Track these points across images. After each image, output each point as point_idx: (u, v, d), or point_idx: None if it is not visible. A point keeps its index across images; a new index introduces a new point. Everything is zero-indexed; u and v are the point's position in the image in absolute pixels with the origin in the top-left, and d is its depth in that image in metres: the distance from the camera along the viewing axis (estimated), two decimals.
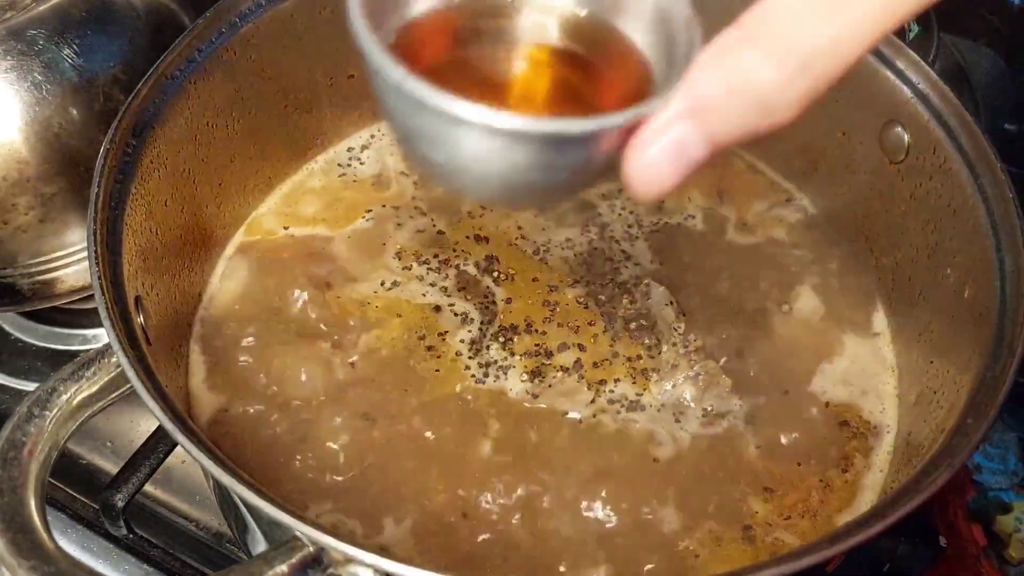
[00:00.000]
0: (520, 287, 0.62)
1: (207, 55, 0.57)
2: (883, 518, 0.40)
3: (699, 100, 0.30)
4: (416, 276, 0.62)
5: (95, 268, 0.47)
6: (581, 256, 0.63)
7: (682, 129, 0.30)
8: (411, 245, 0.64)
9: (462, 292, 0.61)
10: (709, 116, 0.30)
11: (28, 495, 0.42)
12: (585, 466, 0.54)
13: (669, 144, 0.30)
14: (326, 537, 0.39)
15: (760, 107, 0.30)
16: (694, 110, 0.30)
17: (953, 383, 0.51)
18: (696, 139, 0.31)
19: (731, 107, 0.30)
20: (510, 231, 0.65)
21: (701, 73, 0.30)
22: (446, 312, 0.60)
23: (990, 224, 0.51)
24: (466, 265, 0.63)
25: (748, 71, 0.30)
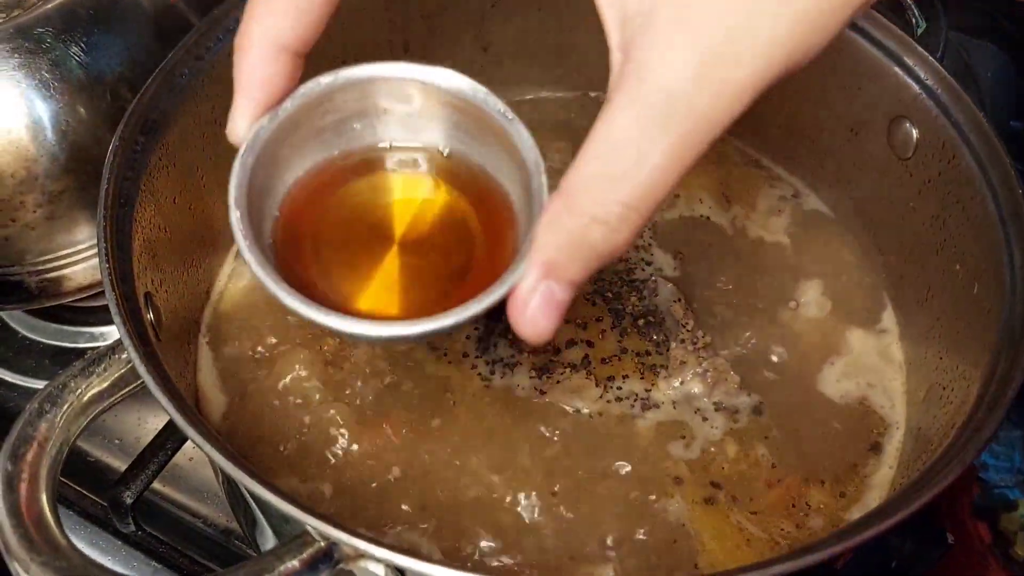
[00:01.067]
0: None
1: (215, 53, 0.57)
2: (894, 513, 0.40)
3: (548, 264, 0.36)
4: None
5: (105, 264, 0.47)
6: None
7: (544, 288, 0.36)
8: None
9: None
10: (560, 271, 0.36)
11: (40, 491, 0.42)
12: (593, 462, 0.54)
13: (539, 302, 0.37)
14: (338, 531, 0.39)
15: (598, 254, 0.36)
16: (548, 272, 0.36)
17: (963, 379, 0.51)
18: (558, 289, 0.37)
19: (576, 259, 0.36)
20: None
21: (543, 240, 0.36)
22: None
23: (999, 219, 0.51)
24: None
25: (579, 235, 0.35)
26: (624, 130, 0.34)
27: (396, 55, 0.67)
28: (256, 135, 0.42)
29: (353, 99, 0.43)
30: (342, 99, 0.43)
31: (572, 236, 0.35)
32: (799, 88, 0.64)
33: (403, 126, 0.45)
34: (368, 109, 0.44)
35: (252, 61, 0.41)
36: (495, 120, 0.41)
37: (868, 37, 0.59)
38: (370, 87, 0.43)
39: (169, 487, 0.68)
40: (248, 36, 0.40)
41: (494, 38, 0.70)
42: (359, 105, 0.44)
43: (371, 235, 0.44)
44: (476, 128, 0.43)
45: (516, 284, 0.37)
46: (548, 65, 0.71)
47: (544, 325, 0.37)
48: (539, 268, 0.36)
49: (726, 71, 0.33)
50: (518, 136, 0.41)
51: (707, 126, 0.34)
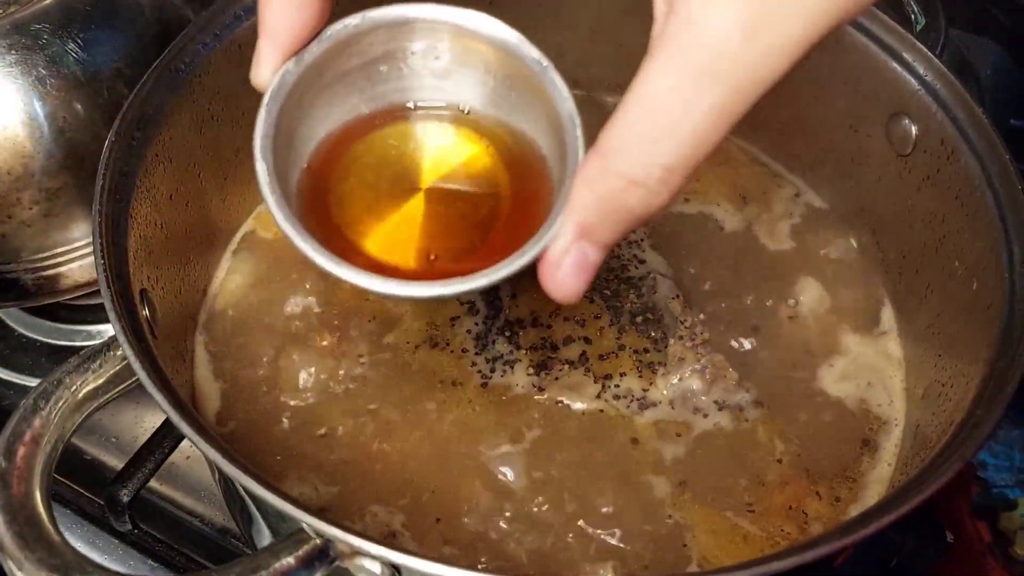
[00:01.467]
0: (525, 281, 0.61)
1: (212, 48, 0.57)
2: (894, 510, 0.40)
3: (583, 226, 0.35)
4: None
5: (100, 260, 0.47)
6: None
7: (577, 249, 0.36)
8: None
9: None
10: (595, 233, 0.36)
11: (34, 487, 0.42)
12: (591, 459, 0.54)
13: (571, 264, 0.36)
14: (333, 529, 0.39)
15: (635, 216, 0.35)
16: (582, 233, 0.36)
17: (962, 376, 0.51)
18: (591, 251, 0.36)
19: (611, 222, 0.35)
20: None
21: (578, 201, 0.35)
22: (452, 305, 0.60)
23: (999, 216, 0.51)
24: None
25: (616, 197, 0.34)
26: (667, 86, 0.32)
27: None
28: (281, 80, 0.40)
29: (381, 41, 0.42)
30: (369, 42, 0.41)
31: (608, 198, 0.34)
32: (798, 84, 0.63)
33: (431, 73, 0.43)
34: (396, 52, 0.42)
35: (277, 4, 0.39)
36: (529, 68, 0.40)
37: (867, 33, 0.59)
38: (399, 29, 0.41)
39: (166, 485, 0.68)
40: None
41: None
42: (387, 47, 0.42)
43: (398, 184, 0.43)
44: (508, 75, 0.42)
45: (548, 244, 0.36)
46: None
47: (575, 287, 0.36)
48: (573, 229, 0.35)
49: (778, 24, 0.31)
50: (552, 86, 0.39)
51: (754, 83, 0.32)
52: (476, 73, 0.43)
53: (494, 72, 0.42)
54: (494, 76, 0.42)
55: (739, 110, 0.33)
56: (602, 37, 0.69)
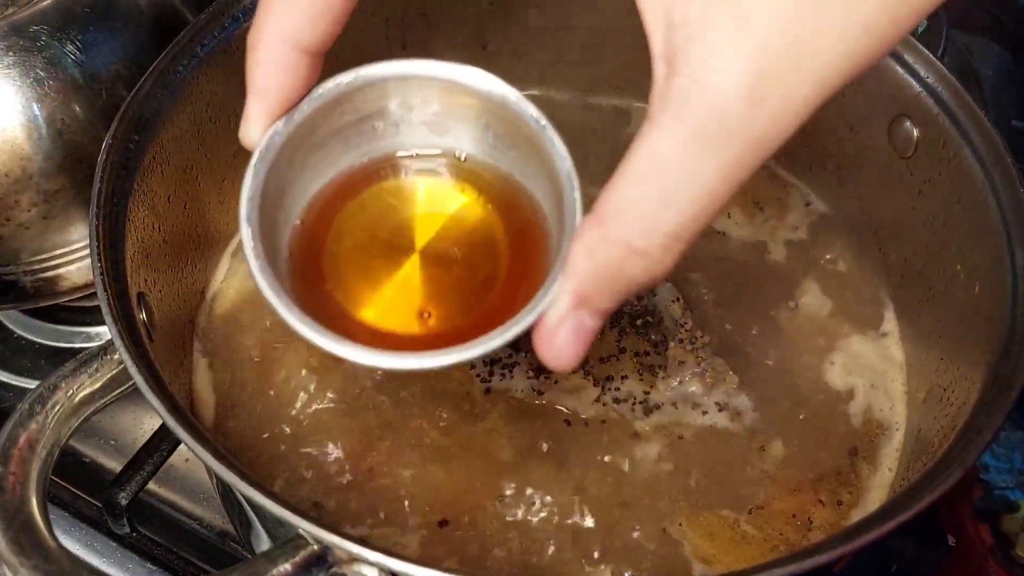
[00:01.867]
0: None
1: (210, 50, 0.57)
2: (895, 515, 0.40)
3: (580, 294, 0.34)
4: None
5: (97, 263, 0.47)
6: None
7: (575, 317, 0.35)
8: None
9: None
10: (593, 301, 0.34)
11: (30, 493, 0.42)
12: (590, 463, 0.54)
13: (568, 332, 0.35)
14: (331, 535, 0.38)
15: (636, 284, 0.33)
16: (579, 302, 0.34)
17: (964, 380, 0.51)
18: (588, 319, 0.35)
19: (610, 290, 0.34)
20: None
21: (576, 268, 0.34)
22: None
23: (1001, 219, 0.51)
24: None
25: (615, 266, 0.33)
26: (670, 151, 0.31)
27: (394, 53, 0.67)
28: (270, 141, 0.39)
29: (374, 99, 0.41)
30: (362, 99, 0.41)
31: (608, 266, 0.33)
32: None
33: (427, 128, 0.42)
34: (390, 109, 0.42)
35: (267, 62, 0.38)
36: (526, 125, 0.39)
37: None
38: (392, 86, 0.40)
39: (164, 488, 0.67)
40: (262, 35, 0.37)
41: (492, 36, 0.70)
42: (380, 105, 0.41)
43: (392, 245, 0.42)
44: (505, 132, 0.41)
45: (545, 311, 0.35)
46: (547, 64, 0.71)
47: (571, 355, 0.35)
48: (570, 298, 0.34)
49: (786, 87, 0.30)
50: (551, 144, 0.38)
51: (762, 147, 0.31)
52: (473, 129, 0.42)
53: (492, 128, 0.41)
54: (492, 132, 0.42)
55: (745, 174, 0.31)
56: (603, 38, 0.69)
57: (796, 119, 0.30)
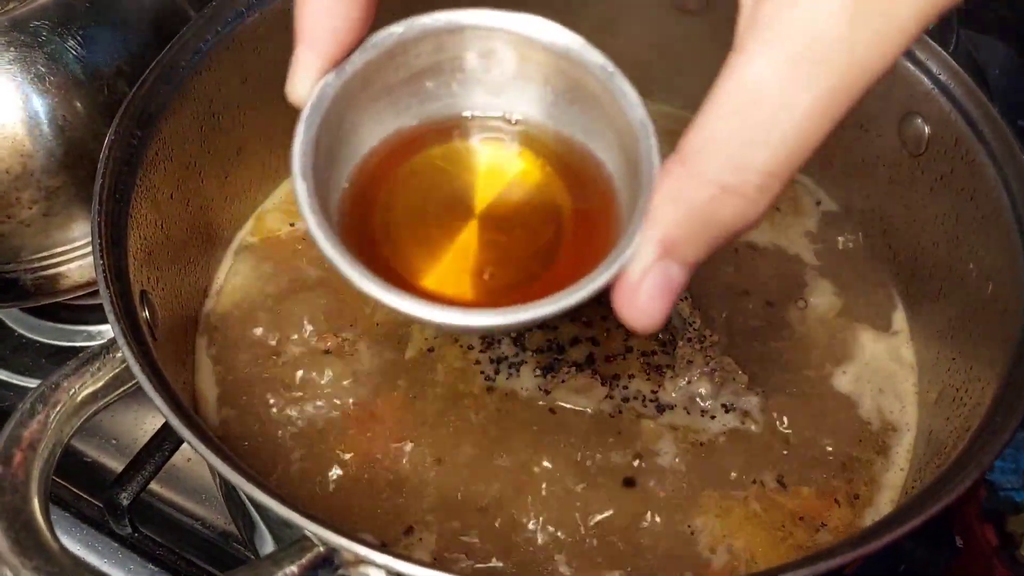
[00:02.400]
0: None
1: (212, 45, 0.56)
2: (909, 519, 0.40)
3: (666, 242, 0.31)
4: None
5: (100, 261, 0.46)
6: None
7: (660, 269, 0.31)
8: None
9: None
10: (681, 251, 0.31)
11: (31, 493, 0.41)
12: (598, 462, 0.53)
13: (653, 286, 0.31)
14: (338, 537, 0.38)
15: (728, 230, 0.31)
16: (665, 251, 0.31)
17: (977, 381, 0.50)
18: (676, 271, 0.31)
19: (701, 237, 0.31)
20: None
21: (661, 214, 0.31)
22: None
23: (1014, 216, 0.50)
24: None
25: (706, 208, 0.30)
26: (763, 80, 0.28)
27: None
28: (321, 93, 0.36)
29: (428, 52, 0.38)
30: (416, 52, 0.38)
31: (697, 210, 0.30)
32: None
33: (485, 84, 0.40)
34: (445, 63, 0.39)
35: (317, 7, 0.35)
36: (593, 75, 0.36)
37: None
38: (448, 38, 0.38)
39: (166, 488, 0.67)
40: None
41: None
42: (435, 58, 0.38)
43: (449, 210, 0.39)
44: (566, 87, 0.38)
45: (625, 265, 0.32)
46: None
47: (657, 312, 0.32)
48: (655, 246, 0.31)
49: (886, 7, 0.28)
50: (620, 93, 0.35)
51: (862, 75, 0.28)
52: (534, 86, 0.39)
53: (553, 84, 0.39)
54: (553, 88, 0.39)
55: (846, 104, 0.29)
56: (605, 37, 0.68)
57: (897, 44, 0.28)
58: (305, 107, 0.37)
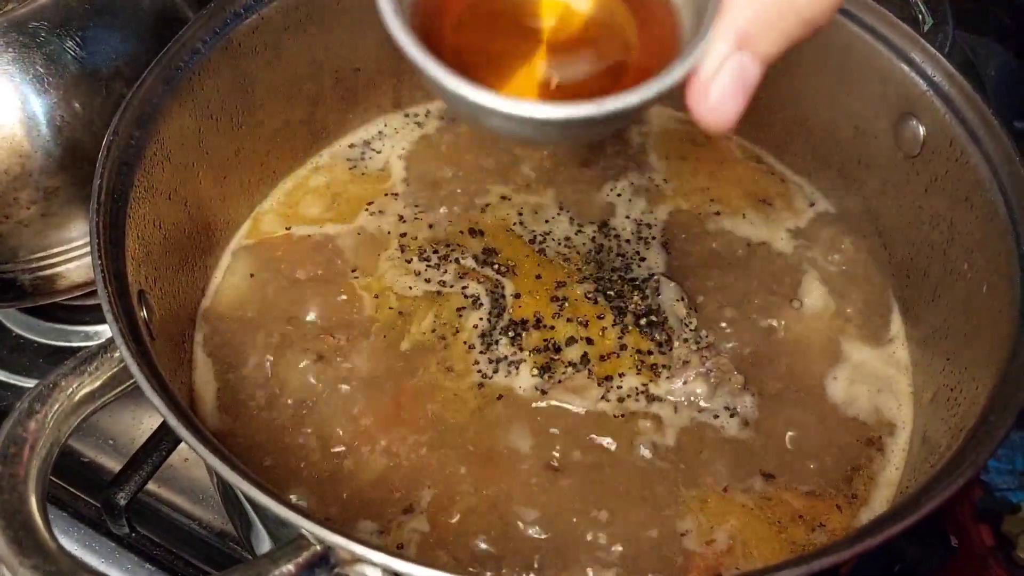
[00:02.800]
0: (527, 282, 0.61)
1: (211, 46, 0.56)
2: (904, 517, 0.40)
3: (742, 34, 0.31)
4: (416, 270, 0.61)
5: (98, 261, 0.46)
6: (589, 253, 0.63)
7: (736, 62, 0.31)
8: (415, 239, 0.63)
9: (467, 285, 0.60)
10: (757, 42, 0.31)
11: (29, 492, 0.41)
12: (592, 462, 0.53)
13: (730, 80, 0.31)
14: (335, 536, 0.38)
15: (803, 20, 0.30)
16: (741, 43, 0.31)
17: (971, 381, 0.50)
18: (751, 65, 0.31)
19: (777, 28, 0.31)
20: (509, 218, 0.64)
21: (735, 4, 0.31)
22: (452, 304, 0.59)
23: (1009, 217, 0.50)
24: (464, 259, 0.62)
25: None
26: None
27: None
28: None
29: None
30: None
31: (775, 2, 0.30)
32: (804, 86, 0.64)
33: None
34: None
35: None
36: None
37: (874, 33, 0.58)
38: None
39: (164, 488, 0.67)
40: None
41: None
42: None
43: (518, 26, 0.39)
44: None
45: (700, 59, 0.32)
46: None
47: (732, 109, 0.32)
48: (731, 39, 0.31)
49: None
50: None
51: None
52: None
53: None
54: None
55: None
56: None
57: None
58: None
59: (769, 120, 0.68)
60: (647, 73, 0.34)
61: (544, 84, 0.38)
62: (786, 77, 0.64)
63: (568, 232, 0.64)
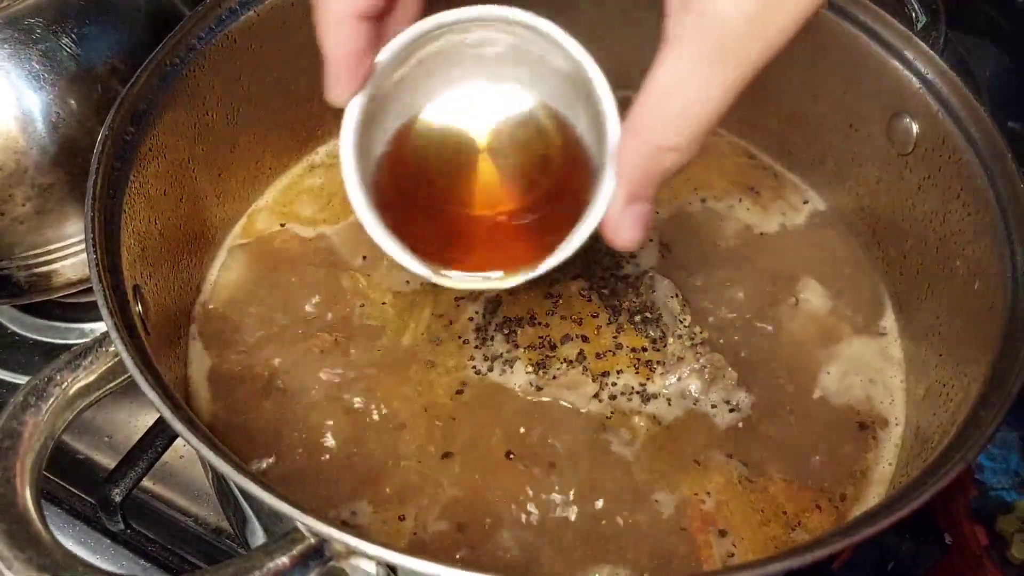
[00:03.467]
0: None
1: (207, 43, 0.57)
2: (896, 510, 0.40)
3: (632, 191, 0.43)
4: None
5: (93, 255, 0.46)
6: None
7: (632, 210, 0.43)
8: None
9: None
10: (641, 194, 0.43)
11: (24, 486, 0.41)
12: (588, 458, 0.53)
13: (630, 222, 0.44)
14: (329, 528, 0.38)
15: (672, 172, 0.42)
16: (631, 197, 0.43)
17: (963, 376, 0.50)
18: (642, 206, 0.43)
19: (653, 182, 0.43)
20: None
21: (624, 172, 0.43)
22: (448, 297, 0.60)
23: (1001, 215, 0.51)
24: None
25: (654, 163, 0.41)
26: (687, 73, 0.38)
27: None
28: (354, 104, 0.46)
29: (438, 46, 0.47)
30: (425, 47, 0.47)
31: (649, 166, 0.41)
32: (797, 83, 0.64)
33: (488, 65, 0.49)
34: (459, 46, 0.48)
35: (336, 35, 0.44)
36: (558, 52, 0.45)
37: (868, 31, 0.58)
38: (460, 27, 0.46)
39: (159, 485, 0.67)
40: (327, 11, 0.44)
41: None
42: (447, 44, 0.47)
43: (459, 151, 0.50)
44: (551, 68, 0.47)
45: (607, 211, 0.44)
46: None
47: (638, 235, 0.44)
48: (625, 196, 0.43)
49: (775, 16, 0.37)
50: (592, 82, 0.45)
51: (760, 58, 0.38)
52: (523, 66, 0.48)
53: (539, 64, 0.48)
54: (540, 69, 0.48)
55: (747, 81, 0.39)
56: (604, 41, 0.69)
57: (784, 37, 0.38)
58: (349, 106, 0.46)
59: (764, 120, 0.68)
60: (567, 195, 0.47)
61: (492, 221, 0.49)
62: (780, 75, 0.64)
63: None
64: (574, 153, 0.48)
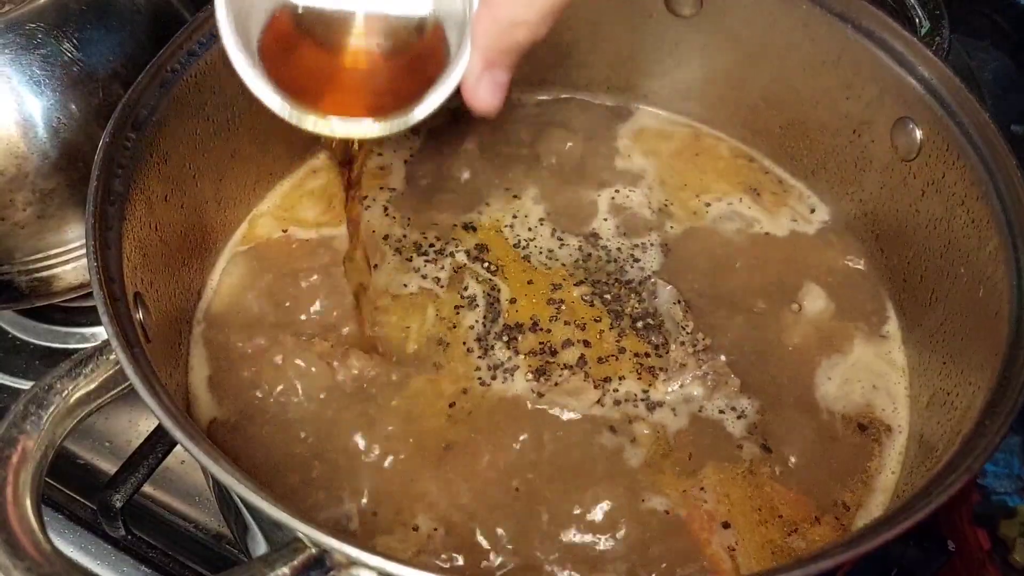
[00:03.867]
0: (524, 285, 0.61)
1: (208, 48, 0.56)
2: (901, 521, 0.40)
3: (488, 59, 0.46)
4: (414, 268, 0.61)
5: (93, 263, 0.46)
6: (587, 254, 0.63)
7: (488, 75, 0.47)
8: (409, 239, 0.63)
9: (467, 285, 0.60)
10: (497, 63, 0.46)
11: (24, 494, 0.41)
12: (589, 466, 0.53)
13: (486, 87, 0.47)
14: (330, 539, 0.38)
15: (525, 46, 0.46)
16: (488, 64, 0.47)
17: (968, 384, 0.50)
18: (499, 74, 0.47)
19: (508, 52, 0.46)
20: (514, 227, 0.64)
21: (479, 42, 0.46)
22: (450, 303, 0.59)
23: (1006, 221, 0.51)
24: (459, 253, 0.62)
25: (507, 35, 0.45)
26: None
27: None
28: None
29: None
30: None
31: (500, 37, 0.45)
32: (801, 89, 0.64)
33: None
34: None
35: None
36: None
37: (871, 37, 0.58)
38: None
39: (160, 491, 0.67)
40: None
41: None
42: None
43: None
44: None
45: (464, 75, 0.47)
46: (546, 66, 0.71)
47: (495, 101, 0.48)
48: (480, 63, 0.47)
49: None
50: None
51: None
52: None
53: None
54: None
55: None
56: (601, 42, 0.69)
57: None
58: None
59: (768, 125, 0.68)
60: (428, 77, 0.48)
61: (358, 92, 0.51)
62: (782, 80, 0.64)
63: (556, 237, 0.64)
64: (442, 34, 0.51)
